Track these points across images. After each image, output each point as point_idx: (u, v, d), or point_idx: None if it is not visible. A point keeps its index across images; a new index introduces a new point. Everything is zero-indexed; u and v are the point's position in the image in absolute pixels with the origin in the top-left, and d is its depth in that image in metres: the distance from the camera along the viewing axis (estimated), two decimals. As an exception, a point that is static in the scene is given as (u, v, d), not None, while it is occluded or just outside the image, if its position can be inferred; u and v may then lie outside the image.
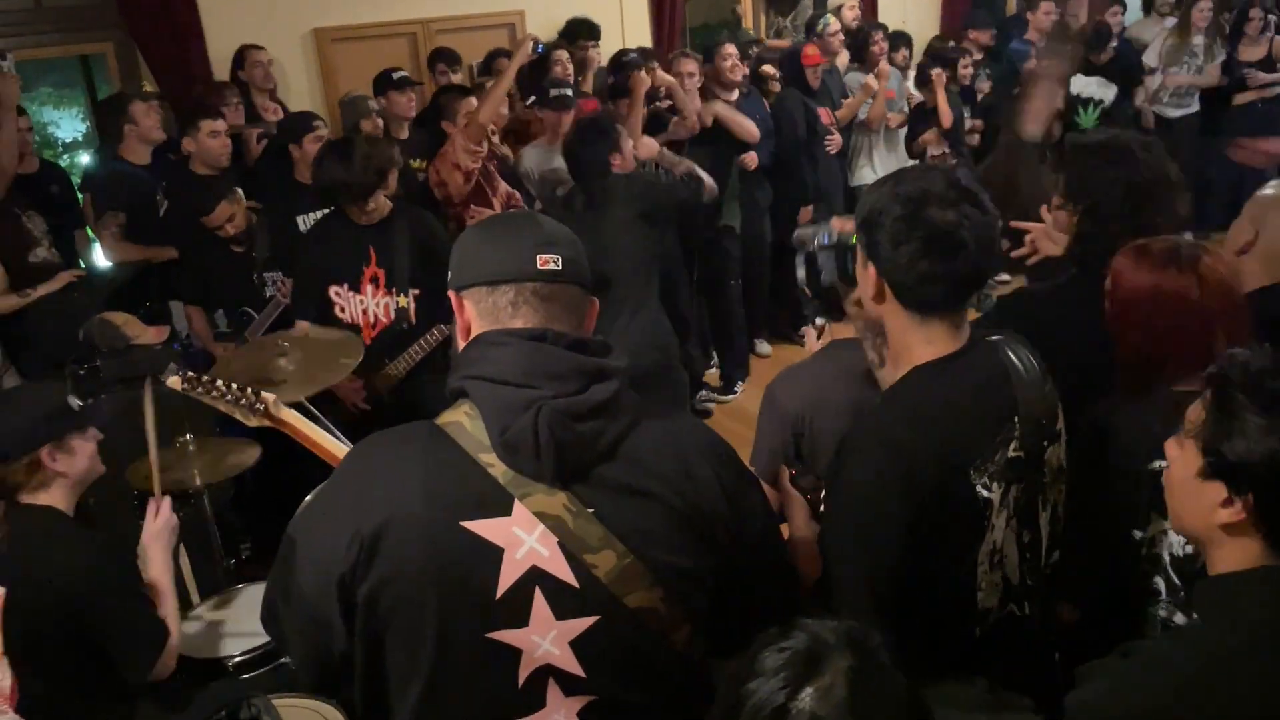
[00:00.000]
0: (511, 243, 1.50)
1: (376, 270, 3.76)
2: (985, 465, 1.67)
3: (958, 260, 1.60)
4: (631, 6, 7.25)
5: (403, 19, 6.54)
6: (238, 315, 4.35)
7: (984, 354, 1.73)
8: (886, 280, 1.67)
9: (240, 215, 4.24)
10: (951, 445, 1.65)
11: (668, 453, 1.47)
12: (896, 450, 1.63)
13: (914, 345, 1.71)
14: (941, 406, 1.67)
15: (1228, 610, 1.37)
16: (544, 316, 1.47)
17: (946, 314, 1.68)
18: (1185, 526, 1.48)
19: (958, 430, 1.66)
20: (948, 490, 1.64)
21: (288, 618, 1.52)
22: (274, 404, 2.37)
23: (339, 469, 1.57)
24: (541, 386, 1.40)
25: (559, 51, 5.97)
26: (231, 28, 5.88)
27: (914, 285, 1.64)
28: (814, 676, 1.13)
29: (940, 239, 1.60)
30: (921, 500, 1.61)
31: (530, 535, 1.39)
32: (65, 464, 2.44)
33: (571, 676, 1.43)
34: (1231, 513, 1.35)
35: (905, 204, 1.62)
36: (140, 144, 4.88)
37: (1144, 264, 1.92)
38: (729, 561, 1.49)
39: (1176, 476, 1.45)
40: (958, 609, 1.72)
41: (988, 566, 1.72)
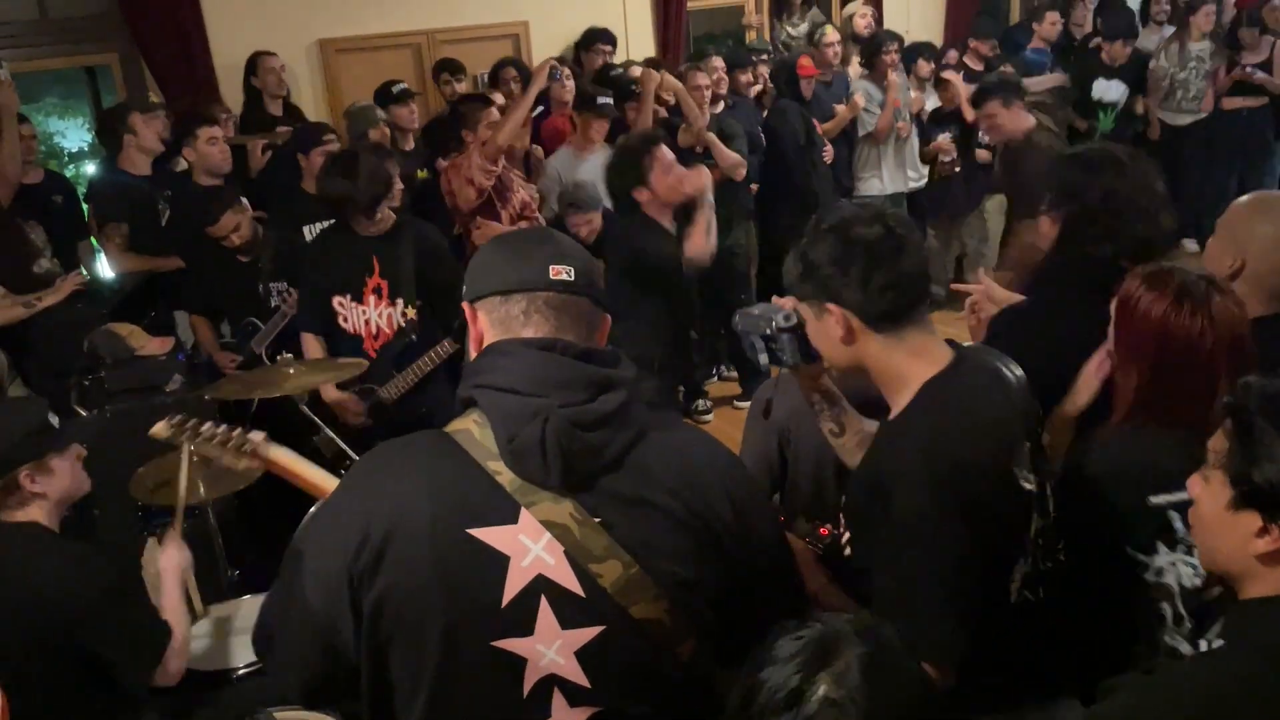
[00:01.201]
0: (526, 255, 1.51)
1: (379, 281, 3.76)
2: (1020, 458, 1.72)
3: (903, 258, 1.68)
4: (636, 17, 7.27)
5: (408, 29, 6.56)
6: (243, 326, 4.35)
7: (976, 358, 1.79)
8: (849, 309, 1.71)
9: (245, 225, 4.25)
10: (994, 447, 1.69)
11: (674, 464, 1.47)
12: (946, 465, 1.64)
13: (903, 364, 1.73)
14: (971, 409, 1.70)
15: (1253, 634, 1.35)
16: (555, 326, 1.47)
17: (915, 321, 1.73)
18: (1219, 562, 1.44)
19: (995, 428, 1.71)
20: (999, 489, 1.69)
21: (288, 633, 1.51)
22: (262, 443, 2.36)
23: (346, 477, 1.57)
24: (550, 395, 1.40)
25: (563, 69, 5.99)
26: (237, 38, 5.91)
27: (875, 299, 1.69)
28: (829, 662, 1.15)
29: (879, 246, 1.67)
30: (974, 504, 1.64)
31: (536, 544, 1.39)
32: (45, 484, 2.41)
33: (576, 687, 1.42)
34: (1269, 541, 1.32)
35: (834, 236, 1.70)
36: (140, 154, 4.90)
37: (1155, 298, 1.88)
38: (735, 572, 1.48)
39: (1206, 512, 1.42)
40: (995, 599, 1.75)
41: (1025, 557, 1.77)
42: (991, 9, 8.68)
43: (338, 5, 6.32)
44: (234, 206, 4.23)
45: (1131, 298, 1.92)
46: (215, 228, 4.17)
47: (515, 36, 6.93)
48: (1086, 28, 7.96)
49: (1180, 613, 1.86)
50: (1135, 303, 1.91)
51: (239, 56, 5.84)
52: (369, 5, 6.40)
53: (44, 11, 5.82)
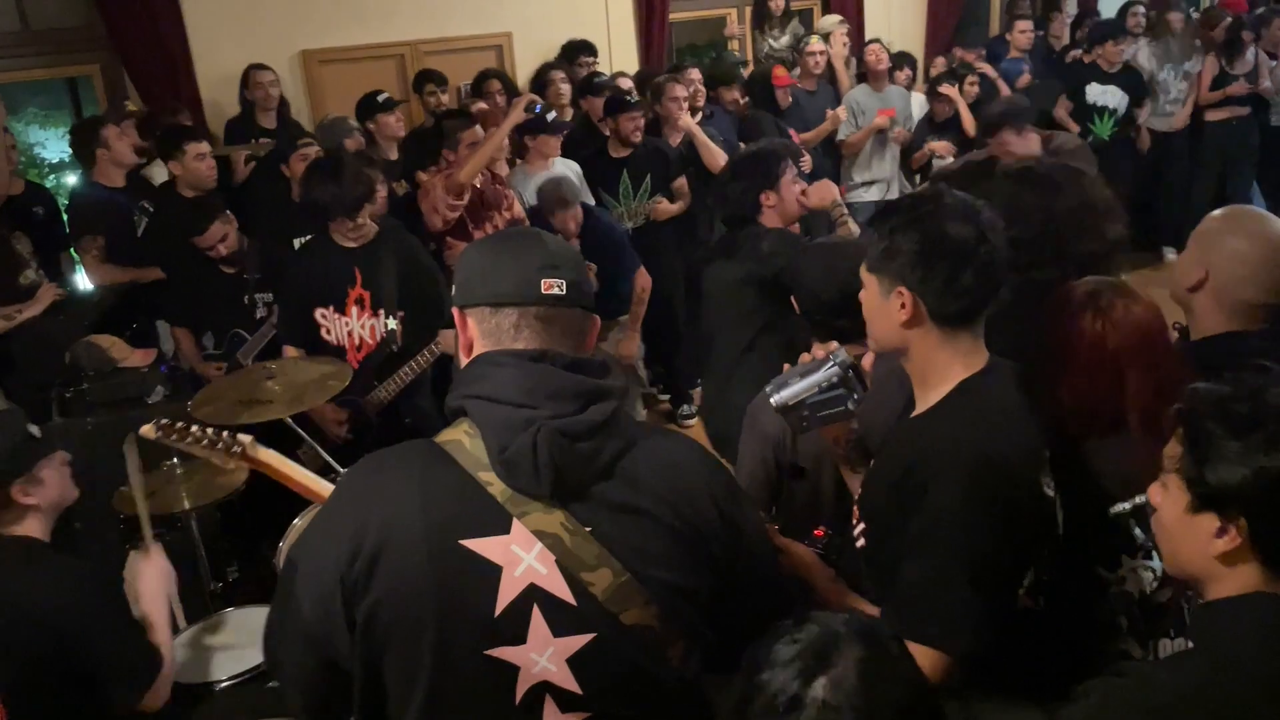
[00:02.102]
0: (516, 264, 1.50)
1: (362, 292, 3.76)
2: (1044, 465, 1.75)
3: (988, 266, 1.70)
4: (619, 29, 7.29)
5: (391, 41, 6.57)
6: (229, 337, 4.34)
7: (1005, 367, 1.81)
8: (923, 301, 1.73)
9: (232, 235, 4.24)
10: (1024, 450, 1.72)
11: (664, 472, 1.49)
12: (983, 461, 1.67)
13: (948, 362, 1.77)
14: (1006, 412, 1.73)
15: (1216, 635, 1.38)
16: (545, 339, 1.48)
17: (972, 325, 1.76)
18: (1182, 567, 1.46)
19: (1026, 432, 1.74)
20: (1030, 492, 1.71)
21: (286, 646, 1.53)
22: (251, 445, 2.36)
23: (337, 488, 1.58)
24: (540, 406, 1.42)
25: (555, 72, 6.01)
26: (220, 49, 5.91)
27: (952, 299, 1.71)
28: (826, 667, 1.16)
29: (970, 250, 1.68)
30: (1010, 507, 1.67)
31: (529, 553, 1.41)
32: (38, 495, 2.41)
33: (568, 694, 1.44)
34: (1227, 541, 1.35)
35: (925, 225, 1.71)
36: (113, 167, 4.90)
37: (1064, 310, 1.93)
38: (723, 578, 1.50)
39: (1167, 518, 1.45)
40: (1007, 603, 1.76)
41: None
42: (973, 20, 8.77)
43: (320, 16, 6.32)
44: (221, 217, 4.23)
45: (1052, 309, 1.98)
46: (203, 238, 4.16)
47: (498, 48, 6.95)
48: (1065, 39, 8.05)
49: (1135, 616, 1.90)
50: (1053, 313, 1.96)
51: (222, 67, 5.84)
52: (352, 16, 6.40)
53: (26, 22, 5.80)
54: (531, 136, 5.11)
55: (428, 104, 6.00)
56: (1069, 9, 8.43)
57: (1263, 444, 1.31)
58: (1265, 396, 1.35)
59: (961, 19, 8.55)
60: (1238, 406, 1.35)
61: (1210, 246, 2.23)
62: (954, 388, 1.76)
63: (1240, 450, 1.32)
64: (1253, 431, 1.32)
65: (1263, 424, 1.32)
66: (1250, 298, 2.17)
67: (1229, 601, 1.38)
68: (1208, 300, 2.21)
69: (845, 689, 1.14)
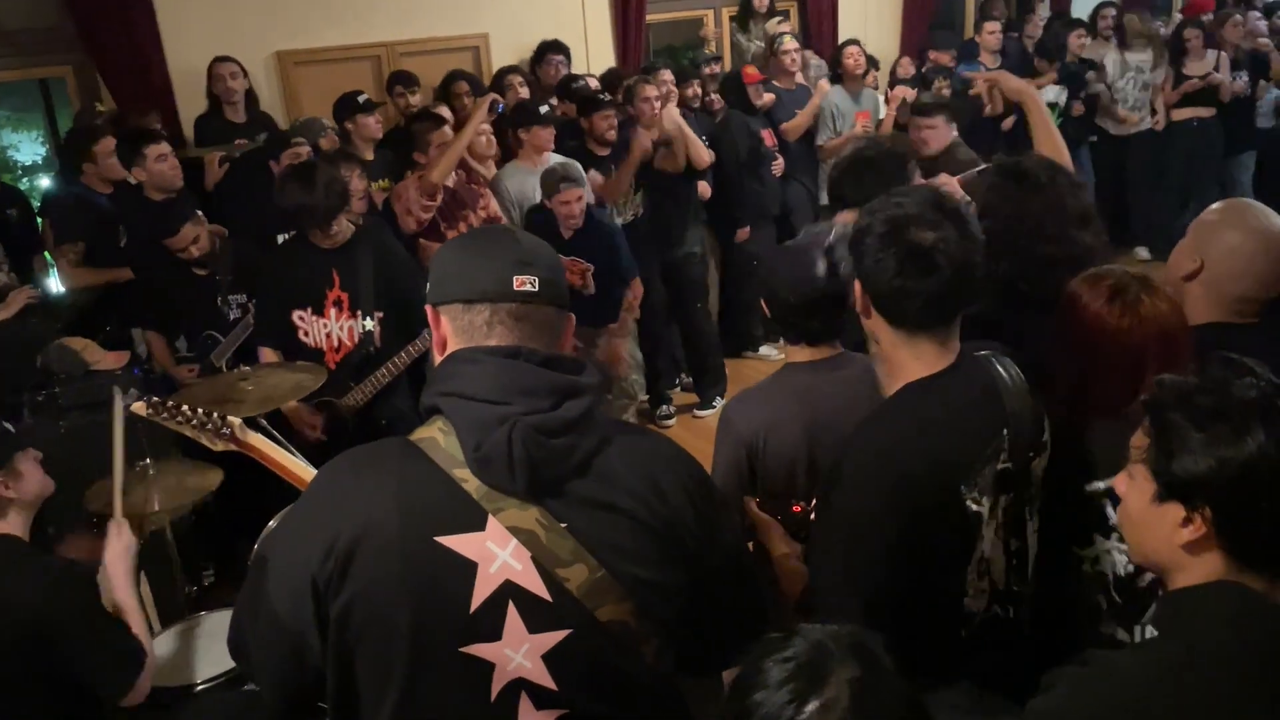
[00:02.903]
0: (489, 261, 1.51)
1: (340, 294, 3.75)
2: (975, 480, 1.73)
3: (931, 279, 1.68)
4: (596, 29, 7.29)
5: (367, 42, 6.54)
6: (202, 339, 4.31)
7: (974, 368, 1.80)
8: (869, 295, 1.75)
9: (204, 237, 4.21)
10: (944, 462, 1.71)
11: (638, 468, 1.49)
12: (890, 468, 1.69)
13: (905, 361, 1.78)
14: (934, 423, 1.73)
15: (1181, 623, 1.39)
16: (518, 336, 1.48)
17: (929, 331, 1.75)
18: (1148, 556, 1.49)
19: (950, 446, 1.73)
20: (940, 506, 1.70)
21: (257, 641, 1.51)
22: (239, 428, 2.36)
23: (311, 485, 1.57)
24: (515, 403, 1.42)
25: (512, 76, 6.00)
26: (194, 51, 5.86)
27: (891, 300, 1.72)
28: (819, 689, 1.15)
29: (915, 257, 1.68)
30: (913, 516, 1.67)
31: (503, 550, 1.40)
32: (17, 488, 2.42)
33: (543, 690, 1.43)
34: (1192, 530, 1.37)
35: (887, 222, 1.71)
36: (99, 181, 4.86)
37: (1091, 298, 1.95)
38: (698, 575, 1.51)
39: (1133, 507, 1.47)
40: (945, 614, 1.78)
41: (975, 575, 1.78)
42: (946, 21, 8.82)
43: (296, 17, 6.28)
44: (193, 219, 4.20)
45: (1072, 298, 1.99)
46: (175, 239, 4.13)
47: (475, 49, 6.93)
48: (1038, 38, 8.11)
49: (1115, 600, 1.92)
50: (1074, 301, 1.97)
51: (196, 68, 5.79)
52: (327, 17, 6.37)
53: (-4, 24, 5.76)
54: (525, 130, 5.10)
55: (398, 105, 5.98)
56: (1043, 10, 8.50)
57: (1228, 435, 1.33)
58: (1230, 389, 1.37)
59: (935, 21, 8.60)
60: (1203, 399, 1.37)
61: (1207, 238, 2.25)
62: (901, 389, 1.78)
63: (1205, 441, 1.34)
64: (1218, 423, 1.34)
65: (1228, 416, 1.34)
66: (1242, 291, 2.20)
67: (1193, 590, 1.39)
68: (1200, 291, 2.23)
69: (838, 711, 1.13)
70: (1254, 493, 1.32)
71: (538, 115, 5.10)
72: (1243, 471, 1.32)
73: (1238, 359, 1.43)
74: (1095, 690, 1.37)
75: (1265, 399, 1.35)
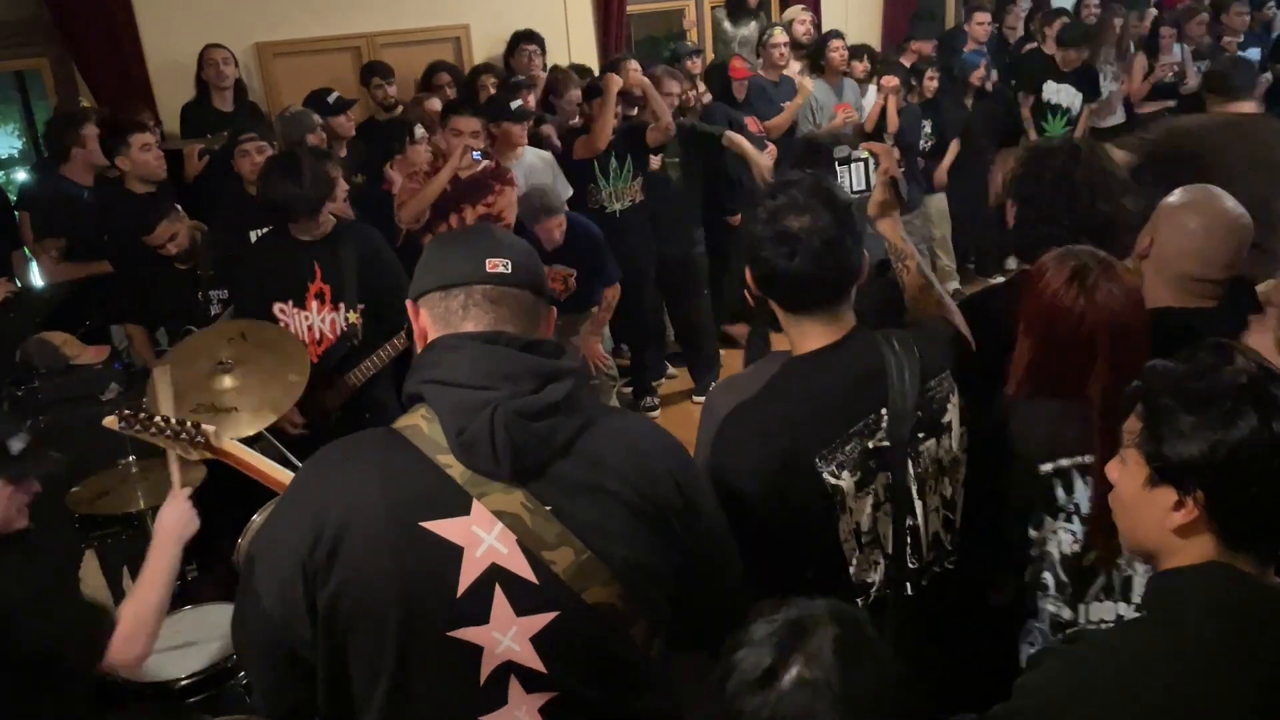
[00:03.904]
0: (463, 251, 1.55)
1: (322, 286, 3.73)
2: (834, 455, 1.80)
3: (794, 261, 1.78)
4: (577, 20, 7.28)
5: (347, 33, 6.51)
6: (182, 333, 4.28)
7: (859, 347, 1.86)
8: (752, 275, 1.86)
9: (182, 234, 4.19)
10: (801, 435, 1.79)
11: (623, 450, 1.50)
12: (747, 438, 1.80)
13: (794, 339, 1.89)
14: (798, 398, 1.83)
15: (1171, 603, 1.41)
16: (494, 319, 1.50)
17: (807, 310, 1.85)
18: (1139, 541, 1.50)
19: (810, 420, 1.81)
20: (794, 477, 1.78)
21: (249, 634, 1.52)
22: (214, 435, 2.35)
23: (297, 477, 1.58)
24: (497, 387, 1.43)
25: (485, 76, 5.97)
26: (171, 42, 5.82)
27: (765, 282, 1.85)
28: (802, 643, 1.17)
29: (781, 241, 1.78)
30: (769, 484, 1.77)
31: (489, 534, 1.41)
32: None
33: (533, 673, 1.44)
34: (1184, 514, 1.39)
35: (767, 210, 1.81)
36: (85, 167, 4.81)
37: (1053, 276, 1.97)
38: (684, 555, 1.52)
39: (1124, 492, 1.49)
40: (829, 580, 1.84)
41: (855, 545, 1.85)
42: (928, 12, 8.83)
43: (275, 8, 6.24)
44: (170, 216, 4.17)
45: (1037, 272, 2.02)
46: (151, 237, 4.11)
47: (456, 40, 6.91)
48: (1020, 31, 8.13)
49: (1062, 579, 1.96)
50: (1038, 277, 2.00)
51: (175, 61, 5.75)
52: (307, 8, 6.33)
53: (-29, 16, 5.70)
54: (496, 125, 5.09)
55: (375, 97, 5.95)
56: (1024, 2, 8.52)
57: (1220, 419, 1.35)
58: (1222, 373, 1.39)
59: (917, 11, 8.60)
60: (1195, 383, 1.39)
61: (1160, 216, 2.32)
62: (784, 364, 1.88)
63: (1196, 424, 1.36)
64: (1210, 407, 1.36)
65: (1220, 400, 1.36)
66: (1187, 269, 2.25)
67: (1184, 570, 1.41)
68: (1151, 270, 2.29)
69: (821, 665, 1.16)
70: (1246, 475, 1.34)
71: (509, 111, 5.06)
72: (1235, 454, 1.34)
73: (1228, 344, 1.46)
74: (1083, 669, 1.39)
75: (1256, 383, 1.37)
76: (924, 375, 1.86)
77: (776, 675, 1.16)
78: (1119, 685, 1.34)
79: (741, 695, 1.18)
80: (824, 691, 1.14)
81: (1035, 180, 2.36)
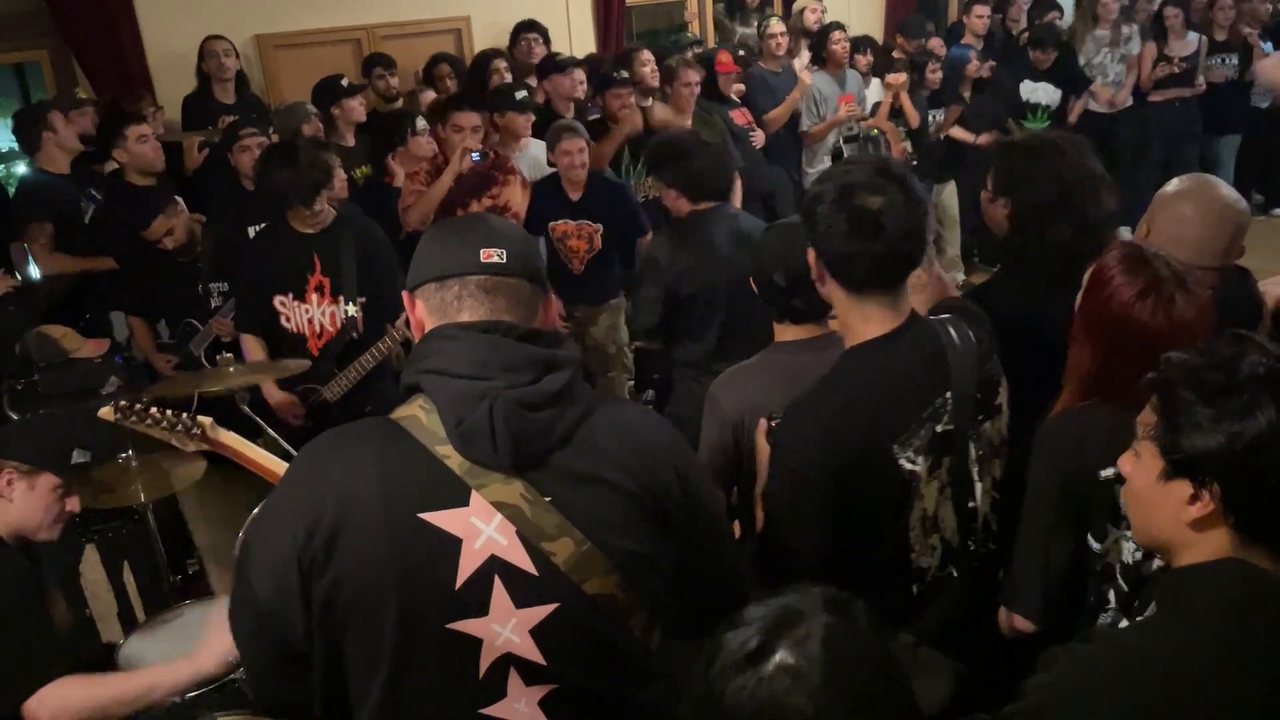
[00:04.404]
0: (458, 241, 1.53)
1: (321, 279, 3.71)
2: (910, 440, 1.79)
3: (877, 242, 1.75)
4: (578, 12, 7.26)
5: (347, 25, 6.49)
6: (182, 327, 4.27)
7: (921, 332, 1.85)
8: (822, 260, 1.83)
9: (180, 228, 4.18)
10: (876, 422, 1.78)
11: (622, 439, 1.49)
12: (822, 427, 1.78)
13: (854, 324, 1.85)
14: (870, 385, 1.80)
15: (1186, 600, 1.39)
16: (490, 309, 1.48)
17: (877, 292, 1.82)
18: (1153, 535, 1.48)
19: (883, 407, 1.79)
20: (870, 464, 1.77)
21: (243, 626, 1.51)
22: (210, 426, 2.34)
23: (292, 466, 1.56)
24: (495, 378, 1.41)
25: (498, 61, 5.95)
26: (170, 34, 5.81)
27: (840, 263, 1.80)
28: (790, 629, 1.16)
29: (862, 221, 1.75)
30: (844, 473, 1.75)
31: (488, 525, 1.40)
32: (10, 492, 2.37)
33: (532, 665, 1.43)
34: (1200, 506, 1.37)
35: (836, 189, 1.78)
36: (60, 152, 4.81)
37: (1125, 283, 1.88)
38: (683, 545, 1.51)
39: (1139, 485, 1.47)
40: (892, 567, 1.84)
41: (921, 531, 1.84)
42: (928, 6, 8.79)
43: (275, 0, 6.22)
44: (167, 210, 4.16)
45: (1104, 276, 1.92)
46: (147, 232, 4.11)
47: (457, 31, 6.89)
48: (1022, 23, 8.09)
49: (1124, 589, 1.89)
50: (1105, 283, 1.91)
51: (174, 53, 5.74)
52: (307, 1, 6.31)
53: (-30, 9, 5.68)
54: (500, 115, 5.06)
55: (377, 88, 5.93)
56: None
57: (1237, 411, 1.33)
58: (1239, 365, 1.36)
59: (919, 4, 8.57)
60: (1212, 375, 1.37)
61: (1157, 205, 2.33)
62: (846, 351, 1.86)
63: (1212, 416, 1.34)
64: (1227, 399, 1.34)
65: (1237, 391, 1.34)
66: (1184, 258, 2.16)
67: (1199, 567, 1.39)
68: None
69: (808, 653, 1.14)
70: (1263, 468, 1.32)
71: (514, 101, 5.04)
72: (1252, 447, 1.31)
73: (1247, 335, 1.43)
74: (1098, 667, 1.37)
75: (1274, 375, 1.35)
76: (980, 358, 1.87)
77: (760, 658, 1.14)
78: (1132, 684, 1.33)
79: (724, 675, 1.16)
80: (804, 680, 1.12)
81: (1031, 184, 2.34)
